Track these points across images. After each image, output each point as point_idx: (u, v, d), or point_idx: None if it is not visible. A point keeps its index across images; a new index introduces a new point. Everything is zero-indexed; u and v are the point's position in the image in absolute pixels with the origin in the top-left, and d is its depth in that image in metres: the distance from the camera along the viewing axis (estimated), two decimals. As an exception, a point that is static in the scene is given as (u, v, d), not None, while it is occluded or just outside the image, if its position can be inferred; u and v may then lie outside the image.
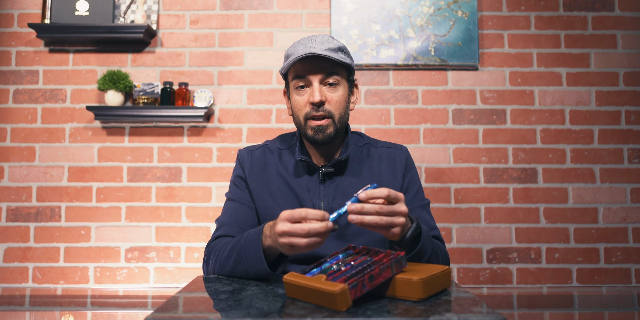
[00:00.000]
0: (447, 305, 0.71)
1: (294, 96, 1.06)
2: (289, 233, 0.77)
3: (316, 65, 1.02)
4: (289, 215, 0.78)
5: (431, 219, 1.11)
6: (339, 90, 1.05)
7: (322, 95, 1.02)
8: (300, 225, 0.76)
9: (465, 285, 1.99)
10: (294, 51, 1.03)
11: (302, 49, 1.01)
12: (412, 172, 1.15)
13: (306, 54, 0.99)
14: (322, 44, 1.02)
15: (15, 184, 2.05)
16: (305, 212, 0.76)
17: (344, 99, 1.06)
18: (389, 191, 0.78)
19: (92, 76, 2.09)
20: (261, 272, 0.89)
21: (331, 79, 1.03)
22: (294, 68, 1.04)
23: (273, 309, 0.69)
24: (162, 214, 2.03)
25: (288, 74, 1.08)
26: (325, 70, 1.02)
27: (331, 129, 1.04)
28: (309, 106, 1.03)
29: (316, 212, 0.76)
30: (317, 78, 1.02)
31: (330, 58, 1.00)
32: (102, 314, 1.73)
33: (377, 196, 0.78)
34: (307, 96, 1.04)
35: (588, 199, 2.02)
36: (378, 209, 0.77)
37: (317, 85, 1.02)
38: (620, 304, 1.86)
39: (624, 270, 1.99)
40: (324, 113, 1.02)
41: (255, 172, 1.12)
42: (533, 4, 2.10)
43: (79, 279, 2.00)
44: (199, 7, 2.11)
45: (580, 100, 2.07)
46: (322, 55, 0.99)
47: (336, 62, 1.03)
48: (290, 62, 1.01)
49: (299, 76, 1.03)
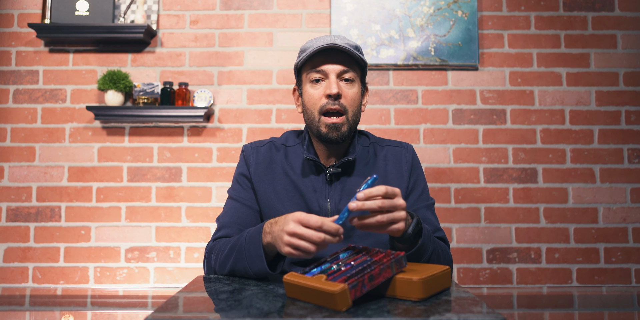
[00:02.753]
0: (447, 305, 0.71)
1: (308, 90, 1.05)
2: (301, 236, 0.77)
3: (335, 58, 1.01)
4: (305, 219, 0.77)
5: (436, 220, 1.10)
6: (354, 87, 1.04)
7: (339, 88, 1.01)
8: (317, 233, 0.76)
9: (465, 285, 1.99)
10: (312, 44, 1.03)
11: (322, 41, 1.01)
12: (418, 171, 1.14)
13: (328, 44, 0.99)
14: (342, 40, 1.02)
15: (15, 184, 2.05)
16: (323, 222, 0.76)
17: (358, 97, 1.06)
18: (386, 188, 0.78)
19: (92, 76, 2.09)
20: (260, 271, 0.88)
21: (348, 75, 1.03)
22: (310, 61, 1.03)
23: (273, 309, 0.69)
24: (162, 214, 2.03)
25: (303, 69, 1.07)
26: (344, 64, 1.02)
27: (345, 127, 1.03)
28: (325, 98, 1.02)
29: (334, 226, 0.76)
30: (335, 71, 1.02)
31: (350, 51, 1.00)
32: (102, 314, 1.73)
33: (375, 194, 0.77)
34: (322, 89, 1.03)
35: (588, 199, 2.02)
36: (380, 204, 0.77)
37: (334, 77, 1.01)
38: (620, 304, 1.86)
39: (624, 270, 1.99)
40: (339, 107, 1.01)
41: (260, 170, 1.10)
42: (533, 4, 2.10)
43: (79, 279, 2.00)
44: (199, 7, 2.12)
45: (580, 100, 2.07)
46: (344, 47, 0.99)
47: (354, 59, 1.03)
48: (310, 52, 1.01)
49: (316, 68, 1.02)
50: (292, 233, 0.77)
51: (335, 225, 0.76)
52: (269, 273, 0.89)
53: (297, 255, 0.79)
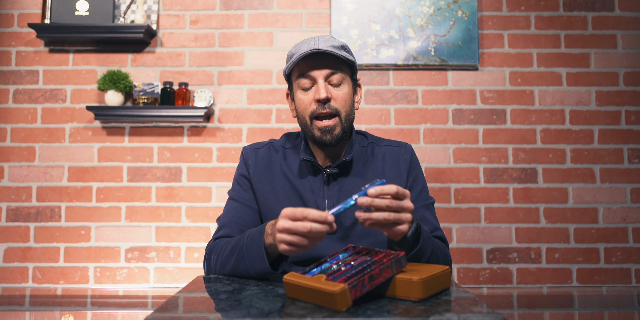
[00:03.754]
0: (447, 305, 0.71)
1: (299, 95, 1.05)
2: (289, 230, 0.77)
3: (321, 63, 1.01)
4: (291, 213, 0.77)
5: (435, 219, 1.10)
6: (344, 88, 1.04)
7: (327, 92, 1.01)
8: (302, 223, 0.75)
9: (465, 285, 1.99)
10: (297, 50, 1.03)
11: (305, 47, 1.01)
12: (417, 171, 1.13)
13: (311, 50, 0.98)
14: (326, 42, 1.02)
15: (15, 184, 2.05)
16: (307, 212, 0.75)
17: (349, 97, 1.05)
18: (398, 188, 0.77)
19: (92, 76, 2.09)
20: (263, 271, 0.88)
21: (336, 76, 1.03)
22: (297, 67, 1.04)
23: (273, 309, 0.69)
24: (162, 214, 2.03)
25: (292, 74, 1.07)
26: (330, 67, 1.02)
27: (339, 128, 1.03)
28: (315, 104, 1.02)
29: (317, 212, 0.75)
30: (322, 75, 1.02)
31: (334, 54, 1.00)
32: (102, 314, 1.73)
33: (386, 193, 0.77)
34: (312, 94, 1.03)
35: (588, 199, 2.02)
36: (388, 204, 0.77)
37: (322, 82, 1.01)
38: (620, 304, 1.86)
39: (624, 270, 1.99)
40: (330, 110, 1.01)
41: (259, 171, 1.11)
42: (533, 4, 2.10)
43: (79, 279, 2.00)
44: (199, 7, 2.12)
45: (580, 100, 2.07)
46: (327, 51, 0.99)
47: (340, 60, 1.03)
48: (295, 59, 1.01)
49: (303, 74, 1.02)
50: (282, 229, 0.78)
51: (319, 212, 0.75)
52: (272, 272, 0.88)
53: (293, 250, 0.78)
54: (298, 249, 0.78)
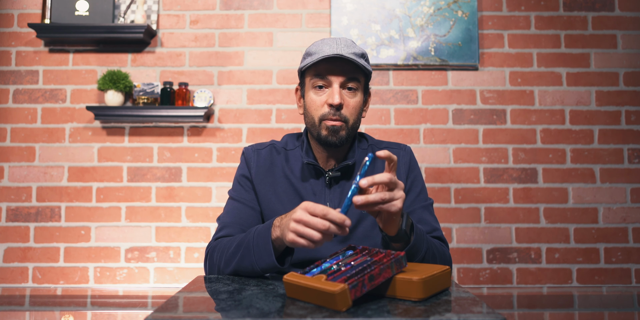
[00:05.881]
0: (447, 305, 0.71)
1: (311, 95, 1.05)
2: (307, 223, 0.77)
3: (340, 68, 1.01)
4: (312, 207, 0.77)
5: (434, 219, 1.10)
6: (357, 96, 1.05)
7: (341, 98, 1.01)
8: (322, 221, 0.75)
9: (465, 285, 1.99)
10: (318, 50, 1.02)
11: (328, 49, 1.01)
12: (415, 172, 1.14)
13: (334, 55, 0.98)
14: (348, 48, 1.01)
15: (15, 184, 2.05)
16: (327, 210, 0.76)
17: (359, 106, 1.06)
18: (390, 177, 0.78)
19: (92, 76, 2.09)
20: (268, 266, 0.88)
21: (352, 84, 1.03)
22: (315, 66, 1.03)
23: (273, 309, 0.69)
24: (162, 214, 2.03)
25: (307, 72, 1.07)
26: (348, 74, 1.02)
27: (344, 132, 1.03)
28: (327, 107, 1.02)
29: (338, 214, 0.76)
30: (339, 81, 1.02)
31: (354, 62, 1.00)
32: (102, 314, 1.73)
33: (378, 182, 0.77)
34: (325, 97, 1.03)
35: (588, 199, 2.02)
36: (382, 197, 0.77)
37: (337, 87, 1.01)
38: (620, 304, 1.86)
39: (624, 270, 1.99)
40: (339, 118, 1.02)
41: (261, 172, 1.11)
42: (533, 4, 2.10)
43: (79, 279, 2.00)
44: (199, 7, 2.11)
45: (580, 100, 2.07)
46: (350, 58, 0.99)
47: (358, 68, 1.03)
48: (315, 59, 1.00)
49: (320, 75, 1.02)
50: (298, 220, 0.78)
51: (341, 215, 0.76)
52: (278, 267, 0.88)
53: (301, 243, 0.78)
54: (305, 242, 0.78)
